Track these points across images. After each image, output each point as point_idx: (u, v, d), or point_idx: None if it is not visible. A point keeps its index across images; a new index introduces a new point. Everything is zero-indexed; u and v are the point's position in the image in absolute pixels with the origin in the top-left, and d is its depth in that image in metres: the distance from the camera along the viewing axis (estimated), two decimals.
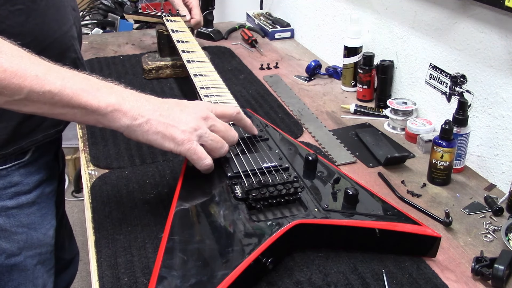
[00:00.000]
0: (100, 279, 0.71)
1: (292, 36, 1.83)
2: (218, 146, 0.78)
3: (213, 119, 0.78)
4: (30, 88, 0.67)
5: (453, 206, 0.90)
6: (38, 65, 0.69)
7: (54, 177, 0.98)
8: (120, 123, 0.73)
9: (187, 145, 0.75)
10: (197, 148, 0.75)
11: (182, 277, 0.61)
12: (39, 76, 0.67)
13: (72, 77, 0.71)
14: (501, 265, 0.71)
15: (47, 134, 0.90)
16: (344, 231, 0.74)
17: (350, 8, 1.44)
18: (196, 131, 0.75)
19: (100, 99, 0.71)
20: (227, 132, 0.80)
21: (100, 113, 0.71)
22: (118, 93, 0.74)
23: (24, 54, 0.69)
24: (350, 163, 1.03)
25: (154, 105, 0.75)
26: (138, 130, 0.74)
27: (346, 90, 1.39)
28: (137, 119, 0.73)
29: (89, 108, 0.71)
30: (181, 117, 0.76)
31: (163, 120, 0.74)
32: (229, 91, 1.04)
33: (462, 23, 1.03)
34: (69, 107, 0.70)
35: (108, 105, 0.72)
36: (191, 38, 1.34)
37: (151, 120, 0.74)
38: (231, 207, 0.73)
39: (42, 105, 0.69)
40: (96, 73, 1.59)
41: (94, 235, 0.80)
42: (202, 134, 0.76)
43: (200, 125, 0.76)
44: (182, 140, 0.74)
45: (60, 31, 0.88)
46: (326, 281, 0.70)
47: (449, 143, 0.92)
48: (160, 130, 0.74)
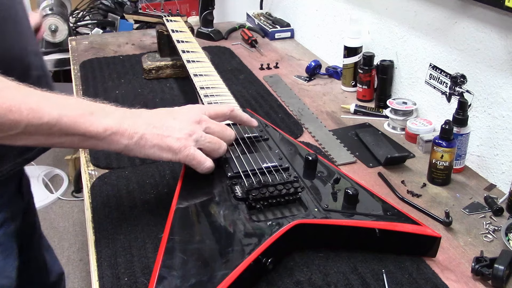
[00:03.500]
0: (100, 279, 0.71)
1: (292, 36, 1.83)
2: (216, 147, 0.78)
3: (207, 121, 0.78)
4: (27, 122, 0.64)
5: (453, 206, 0.90)
6: (30, 96, 0.67)
7: (18, 214, 0.93)
8: (118, 144, 0.72)
9: (184, 152, 0.74)
10: (195, 153, 0.75)
11: (182, 277, 0.61)
12: (35, 108, 0.65)
13: (65, 103, 0.69)
14: (501, 265, 0.71)
15: (15, 164, 0.86)
16: (344, 231, 0.74)
17: (350, 8, 1.44)
18: (191, 136, 0.75)
19: (97, 124, 0.70)
20: (222, 132, 0.79)
21: (99, 138, 0.71)
22: (112, 115, 0.73)
23: (10, 84, 0.66)
24: (350, 163, 1.03)
25: (146, 119, 0.75)
26: (135, 148, 0.73)
27: (346, 90, 1.39)
28: (133, 137, 0.72)
29: (87, 135, 0.70)
30: (174, 125, 0.75)
31: (157, 132, 0.74)
32: (229, 91, 1.04)
33: (462, 23, 1.03)
34: (67, 135, 0.69)
35: (106, 129, 0.71)
36: (191, 38, 1.34)
37: (145, 135, 0.73)
38: (231, 207, 0.73)
39: (39, 136, 0.67)
40: (96, 73, 1.59)
41: (94, 235, 0.80)
42: (197, 138, 0.75)
43: (194, 129, 0.75)
44: (179, 148, 0.74)
45: (19, 47, 0.83)
46: (326, 281, 0.70)
47: (449, 143, 0.92)
48: (156, 142, 0.73)
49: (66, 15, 2.16)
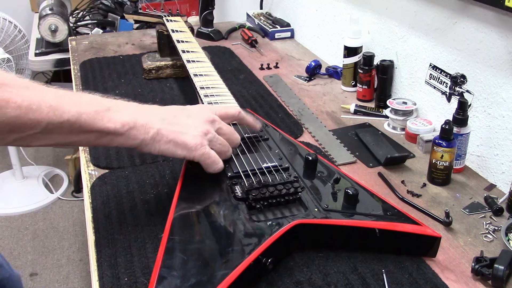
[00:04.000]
0: (100, 279, 0.71)
1: (292, 36, 1.83)
2: (225, 150, 0.78)
3: (219, 122, 0.78)
4: (48, 121, 0.64)
5: (453, 206, 0.90)
6: (47, 94, 0.65)
7: None
8: (135, 140, 0.72)
9: (200, 150, 0.74)
10: (210, 153, 0.75)
11: (182, 277, 0.61)
12: (54, 106, 0.64)
13: (81, 101, 0.69)
14: (501, 265, 0.71)
15: None
16: (344, 231, 0.74)
17: (350, 8, 1.44)
18: (206, 135, 0.75)
19: (115, 120, 0.70)
20: (232, 135, 0.80)
21: (117, 133, 0.70)
22: (127, 110, 0.73)
23: (26, 83, 0.65)
24: (350, 163, 1.03)
25: (161, 114, 0.75)
26: (150, 143, 0.73)
27: (346, 90, 1.39)
28: (149, 132, 0.72)
29: (105, 131, 0.69)
30: (189, 123, 0.75)
31: (172, 128, 0.74)
32: (229, 91, 1.04)
33: (462, 23, 1.03)
34: (85, 133, 0.68)
35: (124, 124, 0.71)
36: (191, 38, 1.34)
37: (161, 130, 0.73)
38: (231, 207, 0.73)
39: (57, 135, 0.66)
40: (96, 73, 1.59)
41: (94, 235, 0.80)
42: (211, 138, 0.76)
43: (209, 129, 0.76)
44: (195, 145, 0.74)
45: None
46: (326, 281, 0.70)
47: (449, 143, 0.92)
48: (172, 138, 0.73)
49: (66, 15, 2.16)
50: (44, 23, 2.03)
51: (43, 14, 2.05)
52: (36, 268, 2.11)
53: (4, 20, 2.23)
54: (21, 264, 2.13)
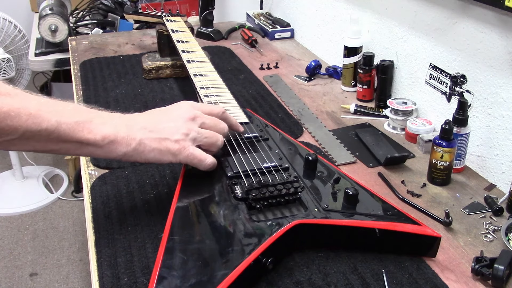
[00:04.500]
0: (100, 279, 0.71)
1: (292, 36, 1.83)
2: (213, 141, 0.78)
3: (201, 117, 0.78)
4: (26, 128, 0.64)
5: (453, 206, 0.90)
6: (29, 101, 0.66)
7: None
8: (117, 152, 0.72)
9: (184, 153, 0.74)
10: (195, 152, 0.75)
11: (182, 277, 0.61)
12: (34, 114, 0.65)
13: (63, 110, 0.69)
14: (501, 265, 0.71)
15: None
16: (344, 231, 0.74)
17: (350, 8, 1.44)
18: (188, 135, 0.75)
19: (95, 132, 0.70)
20: (216, 126, 0.79)
21: (96, 145, 0.71)
22: (110, 122, 0.73)
23: (9, 90, 0.66)
24: (350, 163, 1.03)
25: (142, 123, 0.75)
26: (134, 154, 0.73)
27: (346, 90, 1.39)
28: (131, 144, 0.72)
29: (85, 142, 0.70)
30: (170, 126, 0.75)
31: (154, 136, 0.74)
32: (229, 91, 1.04)
33: (462, 23, 1.03)
34: (64, 142, 0.69)
35: (104, 137, 0.71)
36: (191, 38, 1.34)
37: (143, 140, 0.73)
38: (231, 207, 0.73)
39: (35, 143, 0.67)
40: (96, 73, 1.59)
41: (94, 235, 0.79)
42: (195, 136, 0.76)
43: (190, 127, 0.75)
44: (178, 149, 0.74)
45: None
46: (326, 281, 0.70)
47: (449, 143, 0.92)
48: (155, 146, 0.74)
49: (66, 15, 2.16)
50: (44, 23, 2.03)
51: (43, 14, 2.05)
52: (36, 268, 2.11)
53: (4, 20, 2.24)
54: (21, 264, 2.13)
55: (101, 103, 1.27)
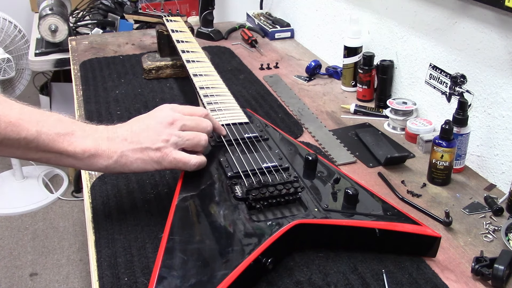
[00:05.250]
0: (100, 279, 0.71)
1: (292, 36, 1.83)
2: (196, 141, 0.77)
3: (181, 119, 0.77)
4: (4, 136, 0.65)
5: (453, 206, 0.90)
6: (11, 109, 0.67)
7: None
8: (98, 165, 0.73)
9: (167, 159, 0.75)
10: (178, 157, 0.75)
11: (182, 277, 0.61)
12: (14, 123, 0.66)
13: (46, 120, 0.70)
14: (501, 265, 0.71)
15: None
16: (344, 231, 0.74)
17: (350, 8, 1.44)
18: (169, 141, 0.75)
19: (76, 145, 0.71)
20: (199, 126, 0.79)
21: (77, 158, 0.71)
22: (92, 135, 0.73)
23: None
24: (350, 163, 1.03)
25: (123, 135, 0.75)
26: (118, 167, 0.73)
27: (346, 90, 1.39)
28: (112, 157, 0.73)
29: (65, 154, 0.70)
30: (149, 135, 0.75)
31: (134, 146, 0.74)
32: (229, 91, 1.04)
33: (462, 23, 1.03)
34: (44, 152, 0.69)
35: (85, 151, 0.71)
36: (191, 38, 1.34)
37: (124, 152, 0.73)
38: (231, 207, 0.73)
39: (14, 150, 0.68)
40: (96, 73, 1.59)
41: (94, 235, 0.80)
42: (175, 141, 0.75)
43: (170, 132, 0.75)
44: (161, 156, 0.74)
45: None
46: (326, 281, 0.70)
47: (449, 143, 0.92)
48: (137, 157, 0.74)
49: (66, 15, 2.16)
50: (44, 23, 2.03)
51: (43, 14, 2.05)
52: (36, 268, 2.11)
53: (4, 20, 2.24)
54: (21, 264, 2.13)
55: (101, 103, 1.27)
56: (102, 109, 1.24)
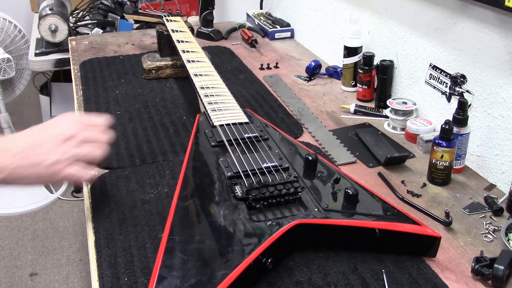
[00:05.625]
0: (100, 279, 0.71)
1: (292, 36, 1.83)
2: (93, 156, 0.77)
3: (78, 134, 0.76)
4: None
5: (453, 206, 0.90)
6: None
7: None
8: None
9: (60, 175, 0.73)
10: (70, 172, 0.74)
11: (182, 277, 0.61)
12: None
13: None
14: (501, 265, 0.71)
15: None
16: (344, 231, 0.74)
17: (350, 8, 1.44)
18: (65, 156, 0.73)
19: None
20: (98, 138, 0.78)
21: None
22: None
23: None
24: (350, 163, 1.03)
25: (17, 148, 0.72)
26: (9, 182, 0.72)
27: (346, 90, 1.39)
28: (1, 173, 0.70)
29: None
30: (42, 151, 0.73)
31: (27, 163, 0.72)
32: (229, 91, 1.04)
33: (462, 23, 1.03)
34: None
35: None
36: (191, 38, 1.34)
37: (15, 169, 0.71)
38: (231, 207, 0.73)
39: None
40: (96, 73, 1.59)
41: (94, 235, 0.80)
42: (70, 156, 0.74)
43: (65, 149, 0.74)
44: (54, 173, 0.73)
45: None
46: (326, 281, 0.70)
47: (449, 143, 0.92)
48: (29, 173, 0.72)
49: (66, 15, 2.16)
50: (44, 23, 2.03)
51: (43, 14, 2.05)
52: (36, 268, 2.11)
53: (4, 20, 2.24)
54: (21, 264, 2.13)
55: (101, 103, 1.27)
56: (102, 109, 1.24)
